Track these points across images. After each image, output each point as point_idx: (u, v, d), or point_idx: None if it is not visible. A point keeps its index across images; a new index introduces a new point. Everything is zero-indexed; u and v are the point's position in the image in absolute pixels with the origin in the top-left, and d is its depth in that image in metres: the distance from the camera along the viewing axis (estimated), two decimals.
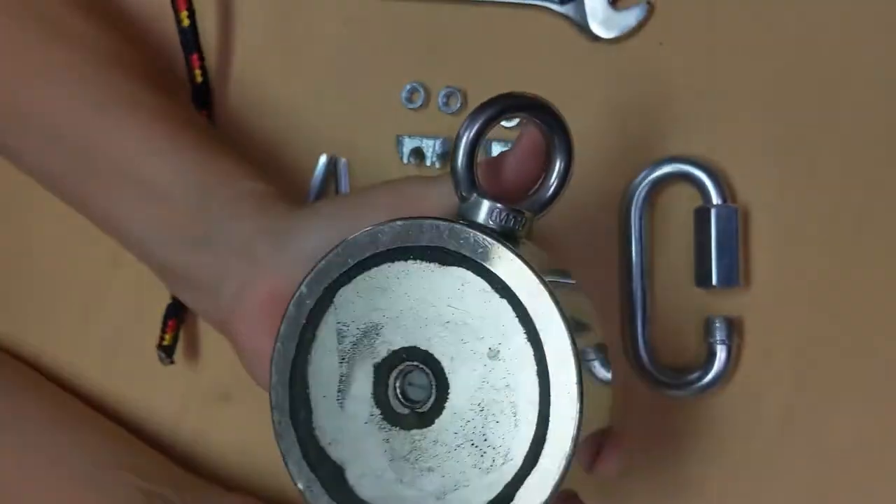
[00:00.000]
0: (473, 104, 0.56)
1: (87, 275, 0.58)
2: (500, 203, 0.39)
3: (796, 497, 0.55)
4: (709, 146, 0.55)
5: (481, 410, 0.38)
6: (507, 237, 0.39)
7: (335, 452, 0.40)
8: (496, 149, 0.55)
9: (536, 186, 0.42)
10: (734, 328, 0.54)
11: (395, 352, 0.39)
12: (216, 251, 0.46)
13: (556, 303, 0.37)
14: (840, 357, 0.55)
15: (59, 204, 0.54)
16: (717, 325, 0.53)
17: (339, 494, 0.39)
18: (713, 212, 0.53)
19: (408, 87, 0.57)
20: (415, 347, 0.39)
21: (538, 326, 0.37)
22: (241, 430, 0.57)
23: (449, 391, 0.39)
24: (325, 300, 0.40)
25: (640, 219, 0.55)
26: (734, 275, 0.53)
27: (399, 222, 0.39)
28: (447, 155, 0.56)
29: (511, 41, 0.57)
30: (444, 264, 0.39)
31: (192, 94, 0.56)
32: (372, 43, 0.57)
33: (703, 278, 0.54)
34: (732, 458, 0.55)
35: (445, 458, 0.38)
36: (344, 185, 0.57)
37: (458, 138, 0.40)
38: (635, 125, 0.56)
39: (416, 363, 0.39)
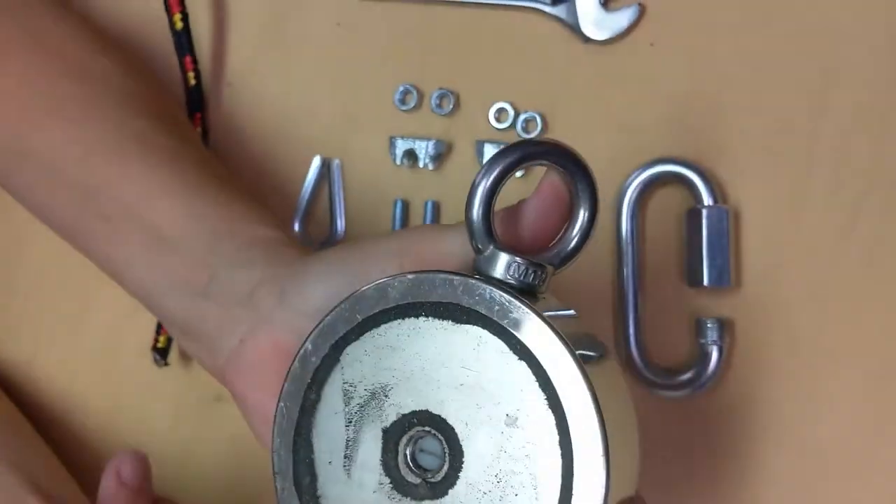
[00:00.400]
0: (466, 105, 0.57)
1: (81, 276, 0.58)
2: (518, 257, 0.37)
3: (787, 497, 0.55)
4: (700, 147, 0.55)
5: (499, 482, 0.35)
6: (527, 294, 0.37)
7: None
8: (489, 150, 0.56)
9: (558, 238, 0.39)
10: (725, 329, 0.54)
11: (405, 416, 0.37)
12: (219, 302, 0.44)
13: (582, 370, 0.34)
14: (831, 357, 0.55)
15: None
16: (709, 326, 0.54)
17: None
18: (704, 212, 0.54)
19: (401, 88, 0.57)
20: (426, 412, 0.36)
21: (560, 393, 0.34)
22: (235, 431, 0.57)
23: (463, 460, 0.36)
24: (331, 358, 0.38)
25: (632, 219, 0.55)
26: (725, 275, 0.54)
27: (410, 276, 0.36)
28: (440, 157, 0.56)
29: (503, 43, 0.57)
30: (458, 322, 0.36)
31: (185, 96, 0.56)
32: (365, 45, 0.57)
33: (694, 279, 0.54)
34: (723, 459, 0.55)
35: None
36: (337, 187, 0.57)
37: (475, 187, 0.37)
38: (627, 126, 0.56)
39: (427, 429, 0.36)
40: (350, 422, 0.37)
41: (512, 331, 0.35)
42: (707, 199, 0.54)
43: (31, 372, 0.58)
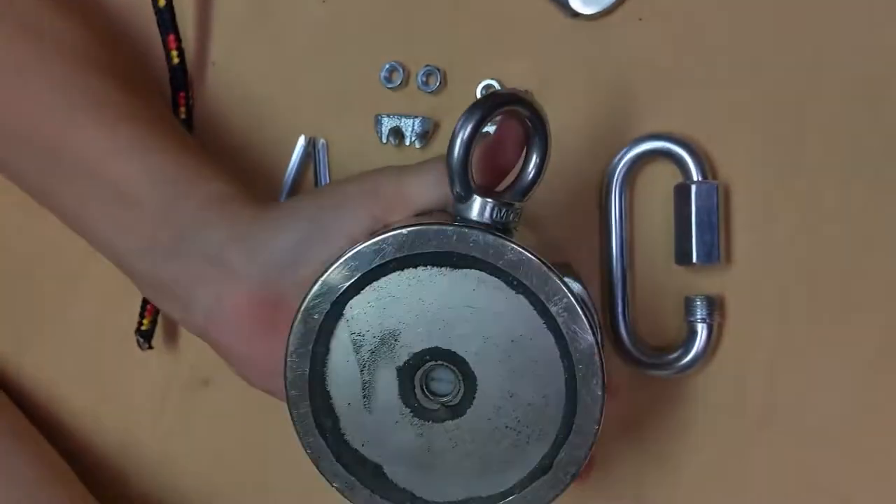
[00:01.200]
0: (453, 83, 0.56)
1: (64, 260, 0.57)
2: (492, 199, 0.40)
3: (778, 476, 0.55)
4: (689, 122, 0.55)
5: (511, 397, 0.40)
6: (506, 231, 0.40)
7: (370, 452, 0.41)
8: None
9: (516, 175, 0.43)
10: (715, 306, 0.53)
11: (416, 353, 0.40)
12: (186, 262, 0.45)
13: (568, 288, 0.39)
14: (822, 335, 0.54)
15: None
16: (698, 303, 0.53)
17: (379, 488, 0.41)
18: (693, 188, 0.53)
19: (387, 66, 0.56)
20: (437, 348, 0.40)
21: (556, 317, 0.39)
22: (221, 414, 0.57)
23: (477, 383, 0.40)
24: (334, 313, 0.40)
25: (620, 196, 0.54)
26: (715, 252, 0.53)
27: (404, 231, 0.39)
28: (427, 134, 0.56)
29: (490, 19, 0.56)
30: (455, 267, 0.39)
31: (168, 75, 0.55)
32: (350, 22, 0.57)
33: (683, 256, 0.54)
34: (713, 438, 0.55)
35: (483, 442, 0.40)
36: (323, 166, 0.56)
37: (454, 137, 0.40)
38: (615, 101, 0.55)
39: (440, 362, 0.40)
40: (364, 367, 0.40)
41: (508, 270, 0.39)
42: (696, 175, 0.53)
43: (16, 360, 0.58)
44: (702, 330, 0.53)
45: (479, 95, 0.56)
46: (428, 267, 0.39)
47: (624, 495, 0.56)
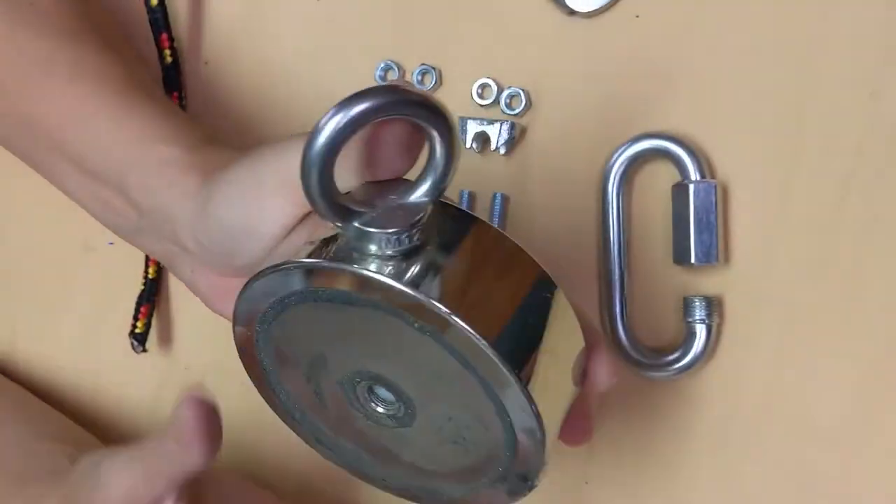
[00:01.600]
0: (448, 82, 0.56)
1: (59, 261, 0.57)
2: (386, 231, 0.34)
3: (778, 478, 0.54)
4: (686, 121, 0.54)
5: (450, 420, 0.37)
6: (411, 254, 0.34)
7: (340, 434, 0.41)
8: (472, 126, 0.54)
9: (423, 170, 0.36)
10: (714, 307, 0.53)
11: (348, 375, 0.38)
12: (153, 239, 0.46)
13: (475, 332, 0.33)
14: (822, 336, 0.54)
15: (27, 189, 0.53)
16: (696, 304, 0.53)
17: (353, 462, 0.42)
18: (691, 188, 0.52)
19: (382, 65, 0.56)
20: (366, 371, 0.37)
21: (466, 356, 0.34)
22: None
23: (415, 404, 0.37)
24: (264, 332, 0.38)
25: (618, 196, 0.54)
26: (713, 252, 0.53)
27: (304, 266, 0.35)
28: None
29: (486, 16, 0.56)
30: (353, 305, 0.35)
31: (161, 75, 0.55)
32: (345, 21, 0.56)
33: (681, 256, 0.53)
34: (712, 440, 0.55)
35: (433, 451, 0.39)
36: None
37: (306, 171, 0.33)
38: (612, 100, 0.55)
39: (373, 383, 0.38)
40: (308, 378, 0.39)
41: (400, 311, 0.34)
42: (694, 174, 0.53)
43: (10, 357, 0.57)
44: (700, 331, 0.53)
45: (475, 95, 0.55)
46: (328, 302, 0.35)
47: (622, 497, 0.55)
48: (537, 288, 0.36)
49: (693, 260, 0.52)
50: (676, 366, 0.53)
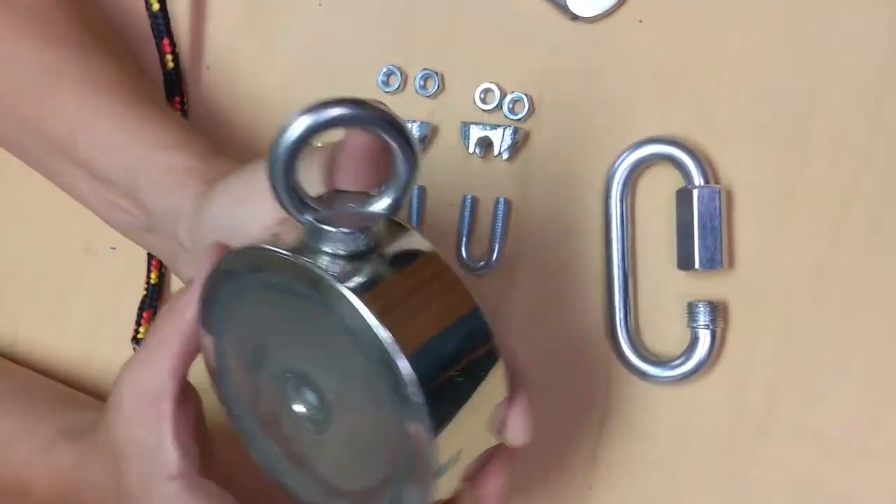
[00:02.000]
0: (451, 87, 0.55)
1: (60, 264, 0.57)
2: (341, 229, 0.36)
3: (781, 484, 0.54)
4: (690, 126, 0.54)
5: (360, 431, 0.38)
6: (361, 256, 0.36)
7: (268, 434, 0.42)
8: (474, 132, 0.54)
9: (383, 187, 0.38)
10: (718, 312, 0.53)
11: (279, 370, 0.39)
12: (163, 238, 0.47)
13: (393, 342, 0.34)
14: (826, 341, 0.54)
15: (30, 192, 0.53)
16: (700, 309, 0.53)
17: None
18: (695, 193, 0.52)
19: (384, 69, 0.55)
20: (296, 368, 0.39)
21: (380, 366, 0.35)
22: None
23: (332, 408, 0.38)
24: (214, 325, 0.40)
25: (622, 201, 0.54)
26: (717, 257, 0.52)
27: (246, 253, 0.37)
28: (425, 139, 0.55)
29: (489, 21, 0.55)
30: (293, 295, 0.36)
31: (163, 80, 0.54)
32: (347, 25, 0.56)
33: (685, 261, 0.53)
34: (716, 445, 0.54)
35: (348, 457, 0.39)
36: None
37: (273, 171, 0.36)
38: (616, 105, 0.55)
39: (301, 382, 0.39)
40: (249, 371, 0.40)
41: (336, 310, 0.35)
42: (698, 179, 0.53)
43: (12, 358, 0.57)
44: (704, 336, 0.53)
45: (477, 100, 0.55)
46: (274, 291, 0.37)
47: (625, 502, 0.55)
48: (467, 322, 0.38)
49: (697, 265, 0.52)
50: (680, 371, 0.53)
